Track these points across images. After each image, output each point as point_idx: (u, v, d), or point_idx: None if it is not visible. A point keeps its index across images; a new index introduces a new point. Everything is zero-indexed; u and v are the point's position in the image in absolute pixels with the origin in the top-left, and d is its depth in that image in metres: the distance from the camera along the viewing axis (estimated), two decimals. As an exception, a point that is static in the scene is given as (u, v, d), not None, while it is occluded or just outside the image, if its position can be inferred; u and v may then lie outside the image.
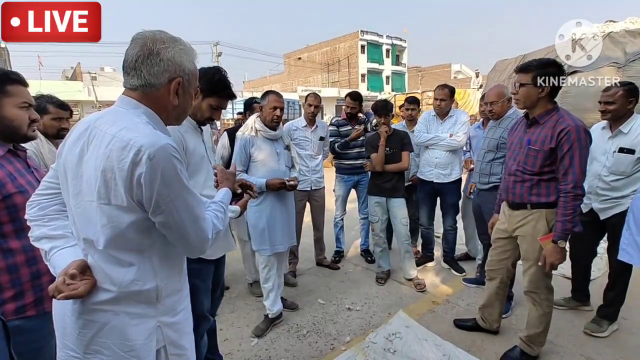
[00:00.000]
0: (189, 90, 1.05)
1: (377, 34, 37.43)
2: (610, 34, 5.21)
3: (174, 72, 0.98)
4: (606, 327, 2.39)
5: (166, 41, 0.97)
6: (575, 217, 1.87)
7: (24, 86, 1.30)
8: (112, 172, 0.86)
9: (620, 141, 2.28)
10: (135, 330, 0.96)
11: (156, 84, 0.97)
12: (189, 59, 1.02)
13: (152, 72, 0.96)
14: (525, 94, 1.93)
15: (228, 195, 1.29)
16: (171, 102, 1.01)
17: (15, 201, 1.18)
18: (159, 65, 0.96)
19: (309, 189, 3.31)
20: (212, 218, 1.07)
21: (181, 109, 1.06)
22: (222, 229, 1.10)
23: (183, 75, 1.00)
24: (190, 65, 1.02)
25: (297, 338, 2.47)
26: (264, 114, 2.46)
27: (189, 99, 1.07)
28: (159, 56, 0.95)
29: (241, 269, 3.58)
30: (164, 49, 0.96)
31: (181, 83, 1.00)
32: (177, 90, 1.00)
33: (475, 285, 3.06)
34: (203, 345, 1.76)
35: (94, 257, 0.94)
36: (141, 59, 0.95)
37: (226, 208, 1.20)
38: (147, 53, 0.95)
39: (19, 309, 1.19)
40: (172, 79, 0.98)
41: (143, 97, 0.98)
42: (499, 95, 2.67)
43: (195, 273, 1.44)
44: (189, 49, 1.03)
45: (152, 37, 0.96)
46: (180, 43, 1.01)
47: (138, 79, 0.96)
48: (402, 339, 2.38)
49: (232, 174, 1.45)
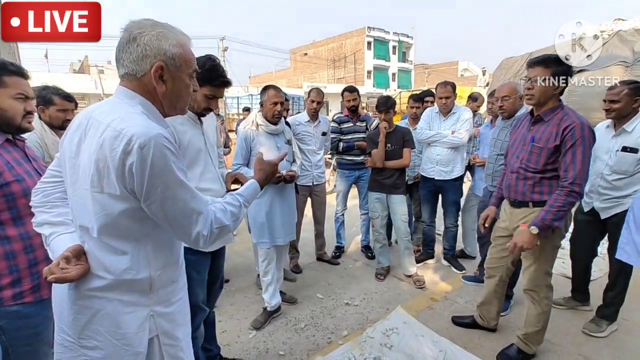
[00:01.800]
0: (179, 75, 1.00)
1: (384, 30, 37.15)
2: (619, 32, 5.13)
3: (153, 57, 0.95)
4: (605, 327, 2.38)
5: (144, 27, 0.95)
6: (561, 213, 1.82)
7: (23, 78, 1.31)
8: (105, 161, 0.87)
9: (624, 140, 2.25)
10: (128, 318, 0.97)
11: (138, 71, 0.95)
12: (171, 42, 0.97)
13: (131, 59, 0.94)
14: (543, 89, 1.88)
15: (254, 187, 1.23)
16: (158, 89, 0.98)
17: (12, 189, 1.20)
18: (136, 50, 0.94)
19: (310, 184, 3.32)
20: (217, 212, 1.04)
21: (173, 96, 1.02)
22: (230, 224, 1.06)
23: (165, 60, 0.96)
24: (174, 49, 0.97)
25: (295, 331, 2.48)
26: (265, 110, 2.46)
27: (180, 85, 1.01)
28: (136, 41, 0.93)
29: (242, 262, 3.62)
30: (140, 34, 0.93)
31: (164, 67, 0.96)
32: (160, 76, 0.97)
33: (474, 284, 3.05)
34: (200, 336, 1.78)
35: (89, 244, 0.96)
36: (121, 47, 0.95)
37: (243, 201, 1.14)
38: (126, 40, 0.94)
39: (16, 295, 1.22)
40: (153, 64, 0.95)
41: (135, 86, 0.97)
42: (512, 91, 2.60)
43: (189, 264, 1.44)
44: (169, 32, 0.98)
45: (134, 24, 0.95)
46: (161, 27, 0.97)
47: (122, 68, 0.96)
48: (399, 334, 2.39)
49: (271, 164, 1.34)
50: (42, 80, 2.08)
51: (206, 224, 0.99)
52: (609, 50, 5.12)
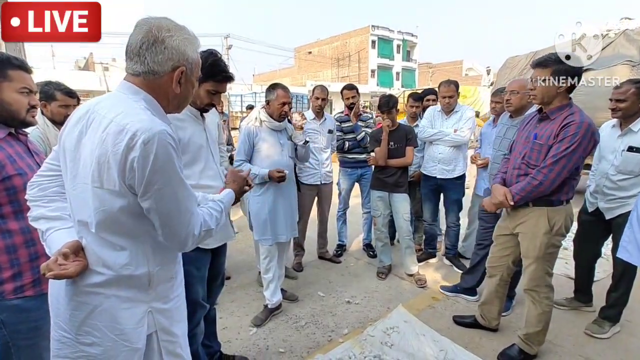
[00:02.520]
0: (191, 79, 1.05)
1: (388, 29, 37.04)
2: (626, 31, 5.06)
3: (177, 61, 0.98)
4: (608, 328, 2.36)
5: (171, 29, 0.96)
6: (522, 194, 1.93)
7: (27, 72, 1.32)
8: (106, 155, 0.87)
9: (630, 140, 2.23)
10: (126, 314, 0.97)
11: (159, 72, 0.97)
12: (193, 49, 1.01)
13: (156, 60, 0.95)
14: (544, 89, 1.88)
15: (230, 196, 1.28)
16: (173, 91, 1.01)
17: (14, 183, 1.20)
18: (164, 53, 0.95)
19: (318, 183, 3.31)
20: (205, 215, 1.05)
21: (182, 98, 1.06)
22: (214, 228, 1.08)
23: (186, 65, 1.00)
24: (194, 55, 1.02)
25: (295, 329, 2.48)
26: (272, 109, 2.45)
27: (190, 88, 1.06)
28: (164, 44, 0.95)
29: (243, 259, 3.62)
30: (168, 37, 0.95)
31: (184, 72, 1.00)
32: (179, 79, 1.00)
33: (453, 294, 2.90)
34: (200, 333, 1.78)
35: (87, 240, 0.96)
36: (145, 46, 0.95)
37: (224, 208, 1.18)
38: (153, 40, 0.94)
39: (17, 289, 1.22)
40: (176, 67, 0.98)
41: (144, 83, 0.98)
42: (521, 87, 2.49)
43: (189, 260, 1.45)
44: (193, 38, 1.02)
45: (157, 24, 0.96)
46: (185, 32, 1.00)
47: (141, 65, 0.96)
48: (400, 333, 2.38)
49: (241, 177, 1.41)
50: (47, 76, 2.09)
51: (197, 225, 1.00)
52: (615, 50, 5.07)
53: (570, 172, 1.86)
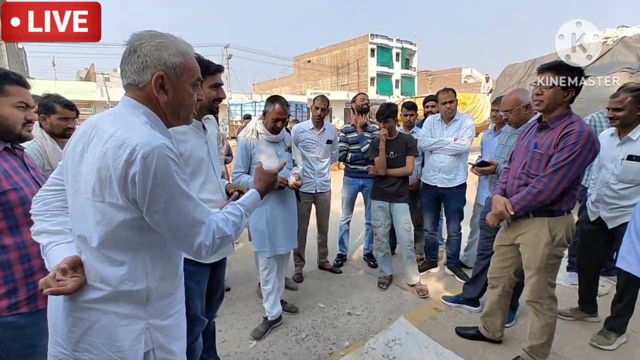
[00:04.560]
0: (180, 84, 1.00)
1: (387, 37, 37.38)
2: (624, 38, 5.10)
3: (154, 67, 0.96)
4: (614, 339, 2.32)
5: (145, 38, 0.96)
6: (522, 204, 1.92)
7: (24, 87, 1.32)
8: (107, 170, 0.87)
9: (629, 148, 2.22)
10: (124, 331, 0.95)
11: (140, 81, 0.97)
12: (171, 52, 0.97)
13: (132, 70, 0.96)
14: (553, 95, 1.86)
15: (254, 197, 1.25)
16: (159, 99, 0.99)
17: (9, 198, 1.19)
18: (137, 61, 0.95)
19: (314, 192, 3.31)
20: (219, 222, 1.04)
21: (175, 105, 1.02)
22: (232, 233, 1.06)
23: (165, 69, 0.97)
24: (173, 58, 0.98)
25: (296, 342, 2.45)
26: (266, 120, 2.46)
27: (181, 93, 1.02)
28: (136, 53, 0.95)
29: (243, 270, 3.59)
30: (140, 45, 0.95)
31: (164, 77, 0.97)
32: (161, 85, 0.97)
33: (455, 305, 2.87)
34: (198, 348, 1.75)
35: (86, 255, 0.95)
36: (124, 58, 0.97)
37: (244, 211, 1.15)
38: (128, 52, 0.96)
39: (12, 306, 1.20)
40: (154, 74, 0.96)
41: (139, 96, 0.98)
42: (515, 103, 2.47)
43: (189, 275, 1.43)
44: (169, 42, 0.98)
45: (136, 36, 0.97)
46: (161, 37, 0.98)
47: (125, 78, 0.98)
48: (402, 345, 2.34)
49: (270, 174, 1.37)
50: (48, 88, 2.10)
51: (209, 234, 1.00)
52: (613, 57, 5.10)
53: (570, 181, 1.84)
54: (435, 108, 3.71)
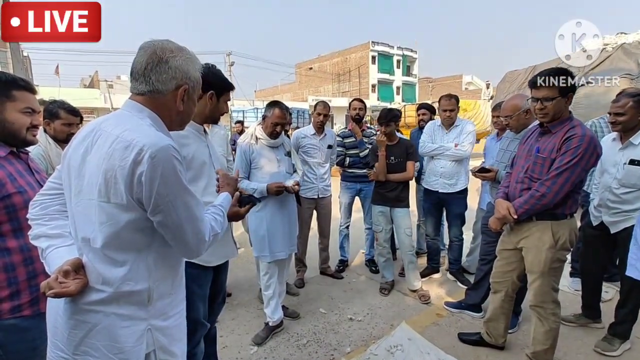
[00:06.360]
0: (193, 97, 1.10)
1: (388, 44, 37.68)
2: (623, 45, 5.13)
3: (180, 80, 1.03)
4: (618, 345, 2.29)
5: (174, 50, 1.02)
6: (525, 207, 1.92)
7: (31, 93, 1.34)
8: (113, 170, 0.89)
9: (631, 153, 2.22)
10: (125, 333, 0.96)
11: (163, 90, 1.02)
12: (195, 68, 1.07)
13: (160, 79, 1.00)
14: (556, 104, 1.86)
15: (228, 199, 1.30)
16: (176, 108, 1.05)
17: (14, 201, 1.20)
18: (167, 72, 1.00)
19: (316, 197, 3.31)
20: (211, 220, 1.09)
21: (185, 115, 1.10)
22: (220, 232, 1.11)
23: (189, 83, 1.05)
24: (196, 74, 1.07)
25: (297, 347, 2.43)
26: (265, 125, 2.48)
27: (192, 106, 1.11)
28: (168, 64, 1.00)
29: (244, 276, 3.58)
30: (172, 57, 1.01)
31: (187, 90, 1.05)
32: (182, 97, 1.05)
33: (457, 310, 2.86)
34: (200, 353, 1.73)
35: (88, 256, 0.95)
36: (150, 66, 0.99)
37: (225, 212, 1.21)
38: (157, 60, 1.00)
39: (14, 308, 1.20)
40: (179, 86, 1.03)
41: (149, 102, 1.02)
42: (514, 109, 2.46)
43: (191, 278, 1.43)
44: (194, 58, 1.08)
45: (161, 45, 1.01)
46: (187, 52, 1.06)
47: (146, 85, 1.01)
48: (404, 351, 2.32)
49: (233, 179, 1.46)
50: (52, 95, 2.11)
51: (206, 231, 1.03)
52: (613, 63, 5.13)
53: (573, 185, 1.84)
54: (426, 116, 3.73)
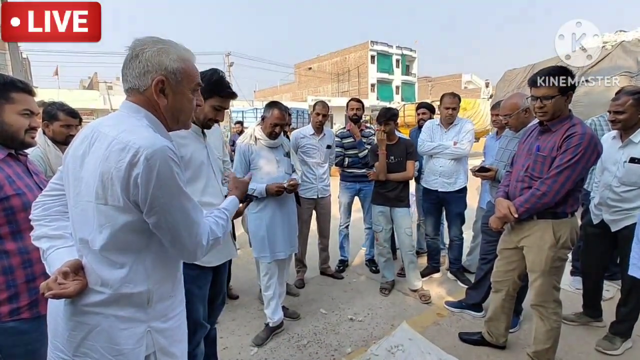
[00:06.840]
0: (180, 89, 1.02)
1: (387, 44, 37.68)
2: (623, 43, 5.13)
3: (155, 72, 0.98)
4: (619, 344, 2.29)
5: (147, 43, 0.98)
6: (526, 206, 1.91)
7: (30, 95, 1.33)
8: (110, 172, 0.88)
9: (631, 151, 2.22)
10: (125, 335, 0.95)
11: (141, 86, 0.98)
12: (172, 57, 0.99)
13: (134, 74, 0.98)
14: (556, 103, 1.86)
15: (234, 203, 1.28)
16: (159, 103, 1.00)
17: (12, 203, 1.20)
18: (138, 66, 0.97)
19: (315, 197, 3.31)
20: (211, 224, 1.06)
21: (175, 109, 1.04)
22: (222, 236, 1.08)
23: (166, 74, 0.99)
24: (175, 64, 1.00)
25: (297, 348, 2.43)
26: (265, 125, 2.47)
27: (181, 99, 1.04)
28: (138, 58, 0.97)
29: (244, 276, 3.57)
30: (142, 50, 0.97)
31: (164, 82, 0.99)
32: (161, 90, 0.99)
33: (458, 310, 2.85)
34: (200, 354, 1.73)
35: (87, 258, 0.95)
36: (126, 63, 0.99)
37: (229, 216, 1.19)
38: (129, 57, 0.98)
39: (13, 311, 1.20)
40: (154, 78, 0.98)
41: (140, 101, 1.00)
42: (513, 108, 2.45)
43: (191, 279, 1.43)
44: (170, 48, 1.00)
45: (138, 42, 0.99)
46: (162, 43, 1.00)
47: (126, 83, 1.00)
48: (405, 351, 2.32)
49: (244, 182, 1.43)
50: (51, 96, 2.11)
51: (204, 235, 1.01)
52: (612, 61, 5.13)
53: (574, 183, 1.84)
54: (426, 115, 3.73)
